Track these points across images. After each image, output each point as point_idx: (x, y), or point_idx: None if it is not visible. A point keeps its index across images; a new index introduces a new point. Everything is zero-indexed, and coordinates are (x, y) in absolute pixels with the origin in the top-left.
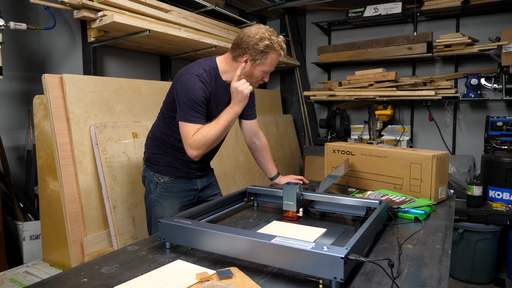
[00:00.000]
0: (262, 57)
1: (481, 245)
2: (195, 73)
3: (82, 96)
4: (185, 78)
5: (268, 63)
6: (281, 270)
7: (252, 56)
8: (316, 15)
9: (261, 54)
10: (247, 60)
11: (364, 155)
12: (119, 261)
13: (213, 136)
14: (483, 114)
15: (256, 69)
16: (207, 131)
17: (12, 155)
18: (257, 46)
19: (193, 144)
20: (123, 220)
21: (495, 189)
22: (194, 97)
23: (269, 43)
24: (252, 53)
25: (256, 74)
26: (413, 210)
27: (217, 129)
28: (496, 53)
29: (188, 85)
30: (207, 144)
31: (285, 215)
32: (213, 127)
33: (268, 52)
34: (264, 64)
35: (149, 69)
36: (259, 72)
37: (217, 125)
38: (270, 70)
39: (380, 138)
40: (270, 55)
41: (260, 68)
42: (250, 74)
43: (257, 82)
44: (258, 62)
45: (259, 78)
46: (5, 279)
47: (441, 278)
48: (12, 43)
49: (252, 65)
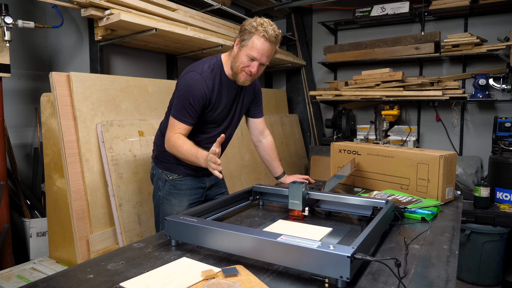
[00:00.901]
0: (247, 38)
1: (488, 247)
2: (198, 72)
3: (89, 94)
4: (187, 76)
5: (250, 45)
6: (287, 268)
7: (241, 37)
8: (322, 15)
9: (247, 35)
10: (238, 43)
11: (370, 155)
12: (125, 258)
13: (177, 153)
14: (491, 115)
15: (241, 52)
16: (179, 144)
17: (20, 152)
18: (245, 26)
19: (168, 141)
20: (129, 218)
21: (503, 190)
22: (190, 97)
23: (255, 24)
24: (242, 35)
25: (242, 58)
26: (420, 210)
27: (181, 152)
28: (504, 53)
29: (188, 83)
30: (173, 152)
31: (291, 214)
32: (183, 148)
33: (253, 33)
34: (247, 46)
35: (156, 67)
36: (243, 55)
37: (185, 151)
38: (253, 55)
39: (387, 139)
40: (254, 36)
41: (245, 51)
42: (236, 58)
43: (243, 70)
44: (243, 43)
45: (244, 64)
46: (12, 275)
47: (449, 278)
48: (20, 41)
49: (239, 49)
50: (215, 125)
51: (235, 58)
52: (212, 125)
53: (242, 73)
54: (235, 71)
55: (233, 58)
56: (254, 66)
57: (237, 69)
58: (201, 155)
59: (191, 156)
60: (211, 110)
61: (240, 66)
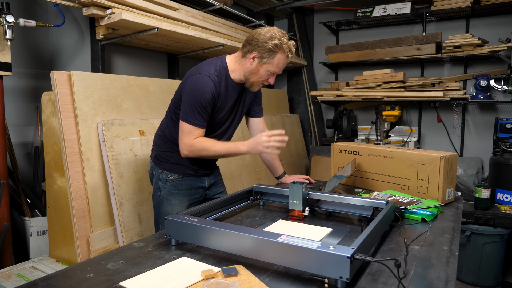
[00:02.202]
0: (269, 56)
1: (489, 248)
2: (206, 74)
3: (90, 93)
4: (195, 78)
5: (274, 63)
6: (287, 268)
7: (260, 54)
8: (324, 15)
9: (269, 52)
10: (254, 57)
11: (371, 155)
12: (125, 257)
13: (210, 153)
14: (492, 116)
15: (262, 68)
16: (210, 145)
17: (20, 151)
18: (266, 44)
19: (190, 147)
20: (129, 217)
21: (503, 191)
22: (202, 99)
23: (278, 43)
24: (261, 50)
25: (262, 73)
26: (420, 211)
27: (217, 150)
28: (506, 54)
29: (197, 86)
30: (202, 154)
31: (291, 214)
32: (216, 146)
33: (276, 52)
34: (270, 63)
35: (157, 67)
36: (264, 71)
37: (220, 147)
38: (276, 71)
39: (387, 139)
40: (278, 55)
41: (267, 67)
42: (255, 72)
43: (261, 82)
44: (265, 61)
45: (264, 78)
46: (12, 274)
47: (448, 279)
48: (22, 40)
49: (258, 63)
50: (217, 125)
51: (254, 73)
52: (214, 126)
53: (259, 84)
54: (251, 82)
55: (250, 71)
56: (273, 78)
57: (255, 82)
58: (243, 142)
59: (230, 148)
60: (217, 112)
61: (260, 80)
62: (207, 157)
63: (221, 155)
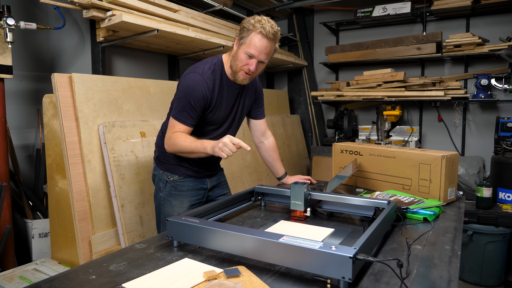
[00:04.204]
0: (245, 35)
1: (491, 247)
2: (199, 73)
3: (91, 95)
4: (188, 77)
5: (248, 42)
6: (289, 269)
7: (240, 36)
8: (324, 15)
9: (245, 32)
10: (236, 41)
11: (372, 155)
12: (127, 259)
13: (179, 148)
14: (493, 115)
15: (239, 50)
16: (179, 140)
17: (22, 153)
18: (243, 24)
19: (168, 141)
20: (131, 218)
21: (505, 191)
22: (191, 98)
23: (253, 22)
24: (241, 33)
25: (240, 56)
26: (422, 210)
27: (183, 146)
28: (506, 53)
29: (189, 84)
30: (174, 150)
31: (293, 214)
32: (184, 142)
33: (251, 31)
34: (245, 44)
35: (157, 68)
36: (242, 53)
37: (188, 144)
38: (252, 53)
39: (388, 139)
40: (252, 34)
41: (243, 49)
42: (236, 57)
43: (242, 69)
44: (242, 41)
45: (243, 62)
46: (14, 276)
47: (451, 279)
48: (22, 43)
49: (238, 46)
50: (215, 126)
51: (234, 57)
52: (212, 126)
53: (241, 72)
54: (234, 69)
55: (232, 57)
56: (252, 64)
57: (236, 68)
58: (209, 142)
59: (197, 146)
60: (212, 111)
61: (239, 64)
62: (179, 153)
63: (188, 152)
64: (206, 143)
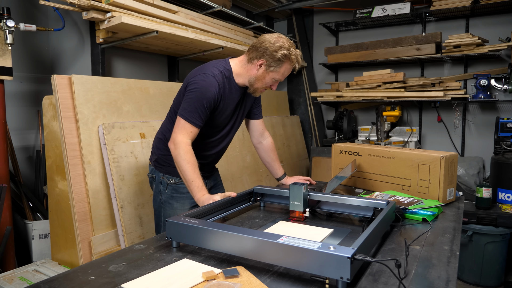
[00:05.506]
0: (277, 65)
1: (490, 247)
2: (210, 74)
3: (91, 97)
4: (200, 78)
5: (281, 72)
6: (287, 269)
7: (268, 62)
8: (323, 16)
9: (277, 62)
10: (261, 64)
11: (371, 156)
12: (127, 260)
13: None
14: (493, 115)
15: (268, 75)
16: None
17: (22, 155)
18: (275, 53)
19: (177, 145)
20: (131, 219)
21: (505, 191)
22: (204, 99)
23: (287, 53)
24: (269, 59)
25: (267, 80)
26: (421, 211)
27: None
28: (506, 53)
29: (202, 85)
30: (175, 159)
31: (292, 215)
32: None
33: (284, 62)
34: (277, 72)
35: (157, 70)
36: (270, 79)
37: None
38: (281, 79)
39: (388, 139)
40: (285, 65)
41: (272, 75)
42: (261, 79)
43: (265, 88)
44: (272, 69)
45: (268, 84)
46: (14, 277)
47: (449, 279)
48: (22, 44)
49: (265, 70)
50: (218, 128)
51: (259, 80)
52: (215, 128)
53: (262, 90)
54: (255, 88)
55: (255, 77)
56: (276, 84)
57: (259, 88)
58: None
59: (189, 180)
60: (218, 114)
61: (264, 86)
62: (175, 162)
63: (181, 173)
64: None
